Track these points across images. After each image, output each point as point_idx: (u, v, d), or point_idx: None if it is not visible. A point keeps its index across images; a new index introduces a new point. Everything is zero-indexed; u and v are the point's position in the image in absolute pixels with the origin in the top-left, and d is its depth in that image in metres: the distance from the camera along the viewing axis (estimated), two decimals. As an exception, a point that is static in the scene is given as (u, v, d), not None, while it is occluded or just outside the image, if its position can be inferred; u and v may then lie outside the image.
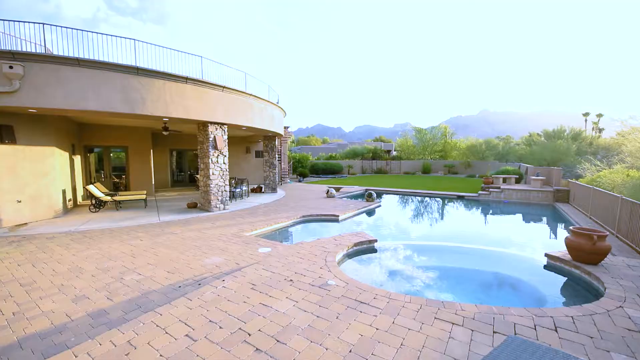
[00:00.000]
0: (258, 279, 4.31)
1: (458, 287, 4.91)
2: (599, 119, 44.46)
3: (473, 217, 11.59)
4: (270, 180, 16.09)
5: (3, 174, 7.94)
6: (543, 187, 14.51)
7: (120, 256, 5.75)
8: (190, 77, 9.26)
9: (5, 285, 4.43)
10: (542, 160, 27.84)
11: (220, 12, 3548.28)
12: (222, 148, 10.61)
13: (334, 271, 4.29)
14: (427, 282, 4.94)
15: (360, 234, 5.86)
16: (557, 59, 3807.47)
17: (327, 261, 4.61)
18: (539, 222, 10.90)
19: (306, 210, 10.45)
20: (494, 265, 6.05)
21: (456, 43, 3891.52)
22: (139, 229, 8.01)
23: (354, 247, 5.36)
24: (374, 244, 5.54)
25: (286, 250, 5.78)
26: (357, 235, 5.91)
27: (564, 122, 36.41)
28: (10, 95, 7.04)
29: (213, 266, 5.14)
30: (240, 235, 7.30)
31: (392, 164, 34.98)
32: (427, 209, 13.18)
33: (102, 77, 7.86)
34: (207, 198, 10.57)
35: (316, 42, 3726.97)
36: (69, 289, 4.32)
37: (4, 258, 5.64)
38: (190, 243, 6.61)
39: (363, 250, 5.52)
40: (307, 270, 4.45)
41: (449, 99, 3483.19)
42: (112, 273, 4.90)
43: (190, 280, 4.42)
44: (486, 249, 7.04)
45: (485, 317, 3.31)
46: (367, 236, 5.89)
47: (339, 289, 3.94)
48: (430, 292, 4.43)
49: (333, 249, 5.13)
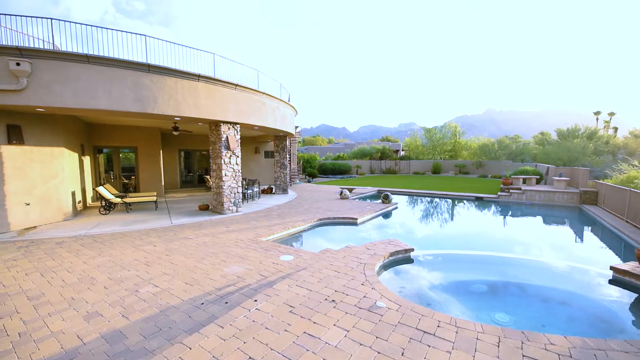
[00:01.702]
0: (294, 298, 3.74)
1: (521, 308, 4.31)
2: (610, 118, 43.20)
3: (502, 221, 10.98)
4: (282, 181, 15.69)
5: (11, 175, 7.64)
6: (567, 188, 13.87)
7: (134, 264, 5.37)
8: (203, 75, 8.87)
9: (12, 299, 4.06)
10: (557, 160, 27.01)
11: (225, 15, 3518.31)
12: (234, 148, 10.22)
13: (378, 288, 3.76)
14: (484, 301, 4.37)
15: (393, 241, 5.33)
16: (564, 57, 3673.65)
17: (367, 275, 4.08)
18: (576, 227, 10.13)
19: (322, 213, 10.00)
20: (549, 279, 5.39)
21: (462, 42, 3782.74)
22: (151, 232, 7.64)
23: (390, 258, 4.79)
24: (409, 254, 5.04)
25: (313, 259, 5.31)
26: (391, 244, 5.32)
27: (573, 121, 35.42)
28: (18, 93, 6.71)
29: (235, 277, 4.72)
30: (257, 240, 6.88)
31: (401, 164, 34.34)
32: (449, 212, 12.60)
33: (113, 75, 7.51)
34: (220, 200, 10.19)
35: (320, 43, 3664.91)
36: (80, 303, 3.93)
37: (11, 266, 5.30)
38: (206, 249, 6.21)
39: (399, 261, 5.00)
40: (348, 288, 3.90)
41: (455, 98, 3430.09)
42: (126, 284, 4.51)
43: (213, 296, 3.97)
44: (532, 260, 6.38)
45: (584, 355, 2.74)
46: (402, 244, 5.32)
47: (392, 313, 3.38)
48: (494, 315, 3.80)
49: (368, 259, 4.57)
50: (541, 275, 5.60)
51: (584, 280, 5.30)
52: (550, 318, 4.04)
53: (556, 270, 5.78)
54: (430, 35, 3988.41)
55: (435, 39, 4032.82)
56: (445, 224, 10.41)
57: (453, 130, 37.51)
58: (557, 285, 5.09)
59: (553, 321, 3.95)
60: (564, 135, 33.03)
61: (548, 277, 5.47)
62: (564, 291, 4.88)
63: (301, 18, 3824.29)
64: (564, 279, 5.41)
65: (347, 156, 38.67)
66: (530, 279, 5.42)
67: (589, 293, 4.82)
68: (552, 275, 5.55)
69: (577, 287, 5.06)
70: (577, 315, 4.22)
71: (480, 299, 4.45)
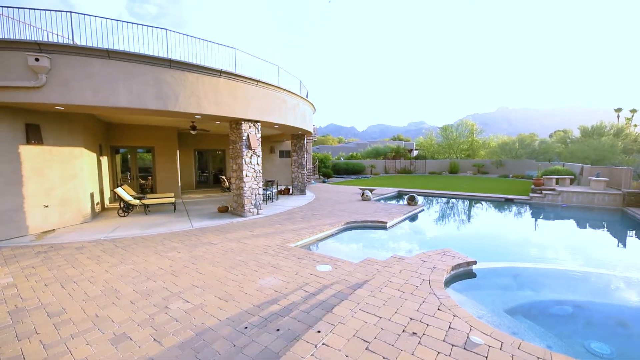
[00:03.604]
0: (365, 329, 2.98)
1: (619, 336, 3.58)
2: (632, 115, 41.06)
3: (550, 227, 9.98)
4: (299, 181, 15.19)
5: (30, 176, 7.35)
6: (606, 189, 12.91)
7: (159, 274, 4.93)
8: (225, 70, 8.43)
9: (31, 316, 3.65)
10: (585, 160, 25.69)
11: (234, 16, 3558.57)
12: (255, 148, 9.76)
13: (460, 315, 3.04)
14: (572, 325, 3.67)
15: (448, 251, 4.64)
16: (578, 53, 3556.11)
17: (438, 297, 3.38)
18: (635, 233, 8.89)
19: (348, 216, 9.44)
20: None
21: (473, 39, 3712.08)
22: (173, 237, 7.24)
23: (451, 272, 4.06)
24: (472, 267, 4.42)
25: (359, 272, 4.73)
26: (447, 254, 4.55)
27: (588, 118, 33.87)
28: (37, 91, 6.38)
29: (272, 291, 4.21)
30: (286, 247, 6.38)
31: (417, 163, 33.43)
32: (482, 215, 11.81)
33: (133, 71, 7.13)
34: (240, 202, 9.74)
35: (328, 42, 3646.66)
36: (105, 322, 3.48)
37: (29, 274, 4.93)
38: (233, 257, 5.74)
39: (460, 275, 4.35)
40: (425, 314, 3.12)
41: (466, 96, 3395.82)
42: (153, 298, 4.05)
43: (256, 317, 3.41)
44: (613, 275, 5.37)
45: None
46: (460, 255, 4.52)
47: (496, 353, 2.63)
48: (590, 344, 3.15)
49: (429, 274, 3.79)
50: (629, 292, 4.74)
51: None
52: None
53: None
54: (441, 32, 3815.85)
55: (446, 36, 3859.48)
56: (484, 229, 9.57)
57: (470, 129, 36.37)
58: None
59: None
60: (588, 133, 31.55)
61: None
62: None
63: (310, 19, 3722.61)
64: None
65: (361, 156, 37.98)
66: (617, 298, 4.61)
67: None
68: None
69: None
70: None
71: (567, 323, 3.75)
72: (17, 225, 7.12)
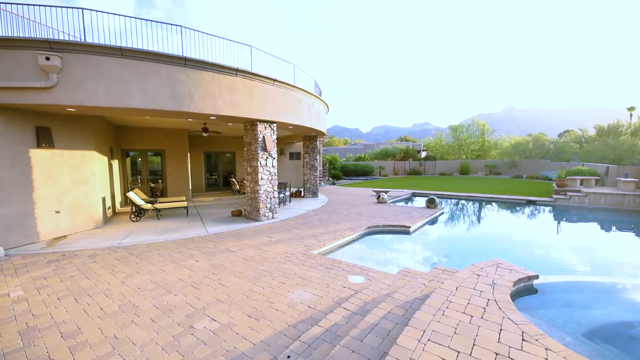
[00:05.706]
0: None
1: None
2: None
3: (593, 232, 9.21)
4: (311, 183, 14.80)
5: (41, 181, 7.06)
6: (635, 190, 12.26)
7: (179, 285, 4.55)
8: (241, 69, 8.08)
9: (43, 336, 3.29)
10: (603, 159, 24.87)
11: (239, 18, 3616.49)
12: (271, 149, 9.39)
13: (552, 347, 2.39)
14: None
15: (501, 263, 4.07)
16: (584, 52, 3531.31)
17: (516, 322, 2.73)
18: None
19: (368, 220, 9.01)
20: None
21: (479, 39, 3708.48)
22: (189, 243, 6.88)
23: (513, 288, 3.50)
24: (532, 281, 3.92)
25: (401, 285, 4.29)
26: (501, 266, 3.91)
27: (594, 117, 32.99)
28: (47, 91, 6.09)
29: (306, 307, 3.80)
30: (309, 254, 5.97)
31: (426, 164, 32.83)
32: (510, 219, 11.14)
33: (147, 70, 6.82)
34: (256, 206, 9.37)
35: (332, 44, 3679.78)
36: (126, 345, 3.10)
37: (41, 287, 4.60)
38: (256, 266, 5.35)
39: (520, 291, 3.83)
40: (510, 347, 2.41)
41: (471, 96, 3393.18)
42: (176, 316, 3.67)
43: (297, 343, 2.94)
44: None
45: None
46: (518, 268, 3.81)
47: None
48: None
49: (490, 291, 3.09)
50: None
51: None
52: None
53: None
54: (445, 32, 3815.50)
55: (451, 35, 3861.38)
56: (519, 235, 8.71)
57: (481, 129, 35.65)
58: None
59: None
60: (604, 132, 30.63)
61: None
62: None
63: (313, 20, 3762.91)
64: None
65: (369, 157, 37.46)
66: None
67: None
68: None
69: None
70: None
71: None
72: (27, 232, 6.83)
